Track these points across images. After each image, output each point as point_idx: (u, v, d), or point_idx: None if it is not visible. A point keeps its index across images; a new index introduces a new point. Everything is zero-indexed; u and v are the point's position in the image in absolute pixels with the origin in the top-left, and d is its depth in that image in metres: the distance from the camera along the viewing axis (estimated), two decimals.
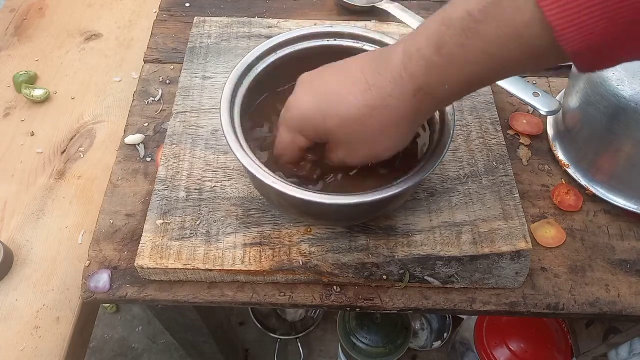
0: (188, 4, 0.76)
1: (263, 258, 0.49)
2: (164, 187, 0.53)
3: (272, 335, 1.22)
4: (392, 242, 0.50)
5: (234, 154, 0.43)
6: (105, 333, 1.33)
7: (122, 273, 0.51)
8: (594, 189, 0.57)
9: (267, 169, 0.43)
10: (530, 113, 0.64)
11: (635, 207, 0.55)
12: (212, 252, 0.49)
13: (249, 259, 0.49)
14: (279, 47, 0.51)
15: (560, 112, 0.58)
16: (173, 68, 0.67)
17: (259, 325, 1.22)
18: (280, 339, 1.23)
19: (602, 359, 0.75)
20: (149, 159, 0.59)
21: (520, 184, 0.58)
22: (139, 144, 0.60)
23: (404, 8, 0.71)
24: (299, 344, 1.23)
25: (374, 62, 0.39)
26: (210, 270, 0.49)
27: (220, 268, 0.48)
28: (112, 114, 0.71)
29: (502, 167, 0.55)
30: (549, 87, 0.67)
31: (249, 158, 0.43)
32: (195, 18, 0.68)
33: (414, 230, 0.50)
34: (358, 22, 0.71)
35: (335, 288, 0.51)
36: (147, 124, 0.62)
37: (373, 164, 0.46)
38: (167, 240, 0.49)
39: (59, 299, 0.56)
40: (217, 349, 0.88)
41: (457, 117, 0.58)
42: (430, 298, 0.51)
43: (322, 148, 0.44)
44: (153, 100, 0.64)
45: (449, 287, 0.51)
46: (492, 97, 0.61)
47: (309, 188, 0.46)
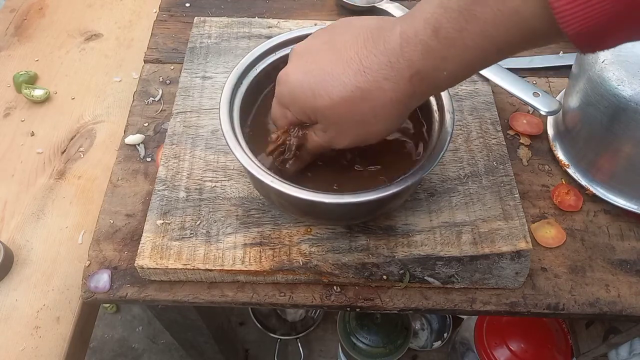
0: (188, 4, 0.76)
1: (263, 258, 0.49)
2: (164, 187, 0.53)
3: (272, 335, 1.22)
4: (392, 242, 0.50)
5: (234, 154, 0.43)
6: (105, 333, 1.33)
7: (122, 273, 0.51)
8: (594, 189, 0.57)
9: (266, 169, 0.43)
10: (530, 113, 0.64)
11: (635, 207, 0.55)
12: (212, 252, 0.49)
13: (249, 259, 0.49)
14: (279, 47, 0.51)
15: (560, 112, 0.58)
16: (173, 68, 0.67)
17: (259, 325, 1.22)
18: (280, 339, 1.23)
19: (602, 359, 0.75)
20: (149, 159, 0.59)
21: (520, 184, 0.58)
22: (139, 144, 0.60)
23: (404, 8, 0.71)
24: (299, 344, 1.23)
25: (370, 42, 0.38)
26: (210, 270, 0.49)
27: (220, 268, 0.48)
28: (112, 114, 0.71)
29: (502, 167, 0.55)
30: (549, 87, 0.67)
31: (248, 158, 0.43)
32: (195, 18, 0.68)
33: (414, 230, 0.50)
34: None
35: (335, 288, 0.51)
36: (147, 124, 0.62)
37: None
38: (167, 240, 0.49)
39: (59, 299, 0.56)
40: (217, 349, 0.88)
41: (457, 117, 0.58)
42: (430, 298, 0.51)
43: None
44: (153, 100, 0.64)
45: (449, 287, 0.51)
46: (492, 97, 0.61)
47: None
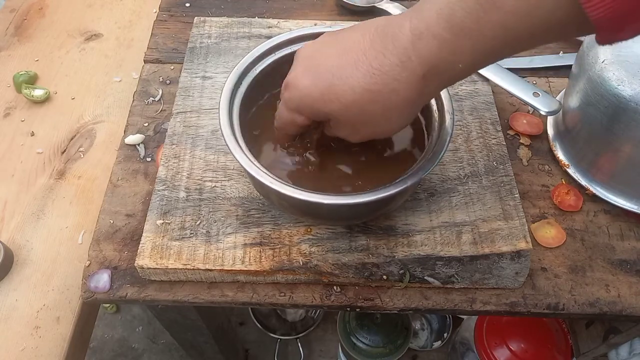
0: (188, 4, 0.76)
1: (263, 258, 0.49)
2: (164, 187, 0.53)
3: (272, 335, 1.22)
4: (392, 242, 0.50)
5: (233, 155, 0.43)
6: (105, 333, 1.33)
7: (122, 273, 0.51)
8: (594, 189, 0.57)
9: (266, 169, 0.43)
10: (530, 113, 0.64)
11: (635, 207, 0.55)
12: (212, 252, 0.49)
13: (249, 259, 0.49)
14: (279, 47, 0.51)
15: (560, 112, 0.58)
16: (173, 68, 0.67)
17: (259, 325, 1.22)
18: (280, 339, 1.23)
19: (602, 359, 0.75)
20: (149, 159, 0.59)
21: (520, 184, 0.58)
22: (139, 144, 0.60)
23: (404, 8, 0.71)
24: (299, 344, 1.23)
25: (378, 42, 0.36)
26: (210, 270, 0.49)
27: (220, 268, 0.48)
28: (112, 114, 0.71)
29: (502, 167, 0.55)
30: (549, 87, 0.67)
31: (248, 159, 0.43)
32: (195, 18, 0.68)
33: (414, 230, 0.50)
34: (358, 22, 0.70)
35: (335, 288, 0.51)
36: (147, 124, 0.62)
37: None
38: (167, 240, 0.49)
39: (59, 299, 0.56)
40: (217, 349, 0.88)
41: (457, 117, 0.58)
42: (430, 298, 0.51)
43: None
44: (153, 100, 0.64)
45: (449, 287, 0.51)
46: (492, 97, 0.61)
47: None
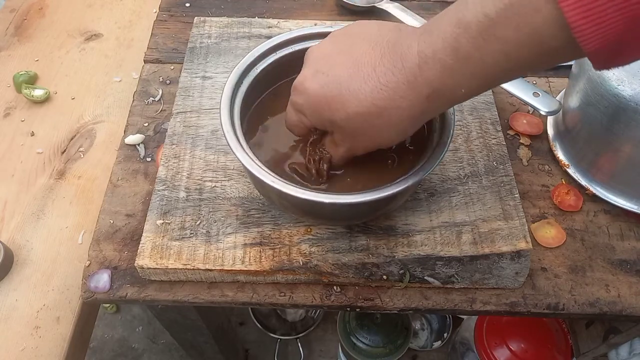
0: (188, 4, 0.76)
1: (263, 258, 0.49)
2: (164, 187, 0.53)
3: (272, 335, 1.22)
4: (392, 242, 0.50)
5: (234, 154, 0.43)
6: (105, 333, 1.33)
7: (122, 273, 0.51)
8: (594, 189, 0.57)
9: (266, 169, 0.43)
10: (530, 113, 0.64)
11: (635, 207, 0.55)
12: (212, 252, 0.49)
13: (249, 259, 0.49)
14: (279, 47, 0.51)
15: (560, 112, 0.58)
16: (173, 68, 0.67)
17: (259, 325, 1.22)
18: (280, 339, 1.23)
19: (602, 359, 0.75)
20: (149, 159, 0.59)
21: (520, 184, 0.58)
22: (139, 144, 0.60)
23: (404, 8, 0.71)
24: (299, 344, 1.23)
25: (388, 58, 0.38)
26: (210, 270, 0.49)
27: (220, 268, 0.48)
28: (112, 114, 0.71)
29: (502, 167, 0.55)
30: (549, 87, 0.67)
31: (249, 157, 0.43)
32: (195, 18, 0.68)
33: (414, 230, 0.50)
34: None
35: (335, 288, 0.51)
36: (147, 124, 0.62)
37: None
38: (167, 240, 0.49)
39: (59, 299, 0.56)
40: (217, 349, 0.88)
41: (457, 117, 0.58)
42: (430, 298, 0.50)
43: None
44: (153, 100, 0.64)
45: (449, 287, 0.51)
46: (492, 97, 0.61)
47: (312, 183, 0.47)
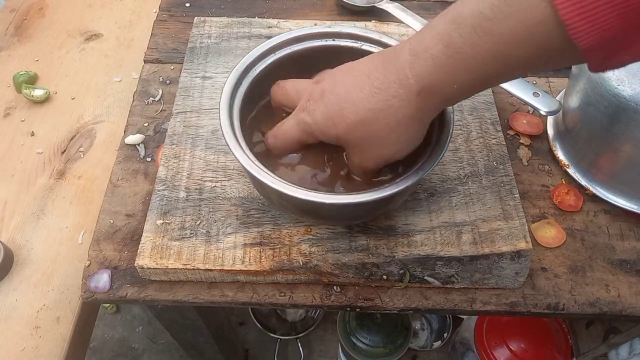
0: (188, 4, 0.76)
1: (263, 258, 0.49)
2: (164, 187, 0.53)
3: (272, 335, 1.22)
4: (392, 242, 0.50)
5: (233, 154, 0.43)
6: (105, 333, 1.33)
7: (122, 273, 0.51)
8: (594, 189, 0.57)
9: (266, 169, 0.43)
10: (530, 113, 0.64)
11: (635, 207, 0.55)
12: (212, 252, 0.49)
13: (249, 259, 0.49)
14: (279, 47, 0.51)
15: (560, 112, 0.58)
16: (173, 68, 0.67)
17: (259, 325, 1.22)
18: (280, 339, 1.23)
19: (602, 359, 0.75)
20: (149, 159, 0.59)
21: (520, 184, 0.58)
22: (139, 144, 0.60)
23: (404, 8, 0.71)
24: (299, 344, 1.23)
25: (381, 63, 0.39)
26: (210, 270, 0.49)
27: (220, 268, 0.48)
28: (112, 114, 0.71)
29: (502, 167, 0.55)
30: (549, 87, 0.67)
31: (248, 158, 0.43)
32: (195, 18, 0.68)
33: (414, 230, 0.50)
34: (358, 22, 0.71)
35: (335, 288, 0.51)
36: (147, 124, 0.62)
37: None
38: (167, 240, 0.49)
39: (59, 299, 0.56)
40: (217, 349, 0.88)
41: (457, 117, 0.58)
42: (430, 298, 0.51)
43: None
44: (153, 100, 0.64)
45: (449, 287, 0.51)
46: (492, 97, 0.61)
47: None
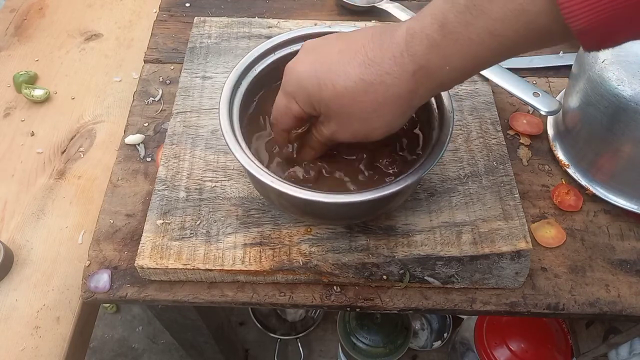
0: (188, 4, 0.76)
1: (263, 258, 0.49)
2: (164, 187, 0.53)
3: (272, 335, 1.22)
4: (392, 242, 0.50)
5: (233, 154, 0.43)
6: (105, 333, 1.33)
7: (122, 273, 0.51)
8: (594, 189, 0.57)
9: (266, 169, 0.43)
10: (530, 113, 0.64)
11: (635, 207, 0.55)
12: (212, 252, 0.49)
13: (249, 259, 0.49)
14: (279, 47, 0.51)
15: (560, 112, 0.58)
16: (173, 68, 0.67)
17: (259, 325, 1.22)
18: (280, 339, 1.23)
19: (602, 359, 0.75)
20: (149, 159, 0.59)
21: (520, 184, 0.58)
22: (139, 144, 0.60)
23: (404, 8, 0.71)
24: (299, 344, 1.23)
25: (377, 37, 0.38)
26: (210, 270, 0.49)
27: (220, 268, 0.48)
28: (112, 114, 0.71)
29: (502, 167, 0.55)
30: (549, 87, 0.67)
31: (248, 158, 0.43)
32: (195, 18, 0.68)
33: (414, 230, 0.50)
34: (358, 22, 0.70)
35: (335, 288, 0.51)
36: (147, 124, 0.62)
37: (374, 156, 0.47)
38: (167, 240, 0.49)
39: (59, 299, 0.56)
40: (217, 349, 0.88)
41: (457, 117, 0.58)
42: (430, 298, 0.50)
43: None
44: (153, 100, 0.64)
45: (449, 287, 0.51)
46: (492, 97, 0.61)
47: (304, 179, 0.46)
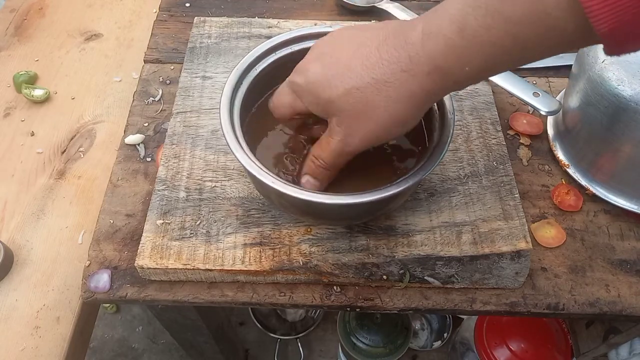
0: (188, 4, 0.76)
1: (263, 258, 0.49)
2: (164, 187, 0.53)
3: (272, 335, 1.22)
4: (392, 242, 0.50)
5: (234, 154, 0.43)
6: (105, 333, 1.33)
7: (122, 273, 0.51)
8: (594, 189, 0.57)
9: (266, 169, 0.43)
10: (530, 113, 0.64)
11: (635, 207, 0.55)
12: (212, 252, 0.49)
13: (249, 259, 0.49)
14: (279, 47, 0.51)
15: (560, 112, 0.58)
16: (173, 68, 0.67)
17: (259, 325, 1.22)
18: (280, 339, 1.23)
19: (602, 359, 0.75)
20: (149, 159, 0.59)
21: (520, 184, 0.58)
22: (139, 144, 0.60)
23: (404, 8, 0.71)
24: (299, 344, 1.23)
25: (391, 38, 0.37)
26: (210, 270, 0.49)
27: (220, 268, 0.48)
28: (112, 114, 0.71)
29: (502, 167, 0.55)
30: (549, 87, 0.67)
31: (249, 158, 0.43)
32: (195, 18, 0.68)
33: (414, 230, 0.50)
34: (358, 22, 0.70)
35: (335, 288, 0.51)
36: (147, 124, 0.62)
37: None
38: (167, 240, 0.49)
39: (59, 299, 0.56)
40: (217, 349, 0.88)
41: (457, 117, 0.58)
42: (430, 298, 0.51)
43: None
44: (153, 100, 0.64)
45: (449, 287, 0.51)
46: (492, 97, 0.61)
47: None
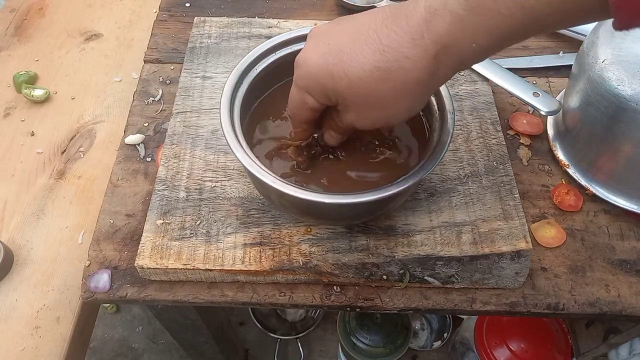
0: (188, 4, 0.76)
1: (263, 258, 0.49)
2: (164, 187, 0.53)
3: (272, 335, 1.22)
4: (392, 242, 0.50)
5: (234, 154, 0.43)
6: (105, 333, 1.33)
7: (122, 273, 0.51)
8: (594, 189, 0.57)
9: (266, 168, 0.43)
10: (530, 113, 0.64)
11: (635, 207, 0.55)
12: (212, 252, 0.49)
13: (249, 259, 0.49)
14: (279, 47, 0.51)
15: (560, 112, 0.58)
16: (173, 68, 0.67)
17: (259, 325, 1.22)
18: (280, 339, 1.23)
19: (602, 359, 0.75)
20: (149, 159, 0.59)
21: (520, 184, 0.58)
22: (139, 144, 0.60)
23: None
24: (299, 344, 1.23)
25: (391, 20, 0.36)
26: (210, 270, 0.49)
27: (220, 268, 0.48)
28: (112, 114, 0.71)
29: (502, 167, 0.55)
30: (549, 87, 0.67)
31: (249, 157, 0.43)
32: (195, 18, 0.68)
33: (414, 230, 0.50)
34: None
35: (335, 288, 0.51)
36: (147, 124, 0.62)
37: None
38: (167, 240, 0.49)
39: (59, 299, 0.56)
40: (217, 349, 0.88)
41: (457, 117, 0.58)
42: (430, 298, 0.51)
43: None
44: (153, 100, 0.64)
45: (449, 287, 0.51)
46: (492, 97, 0.61)
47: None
